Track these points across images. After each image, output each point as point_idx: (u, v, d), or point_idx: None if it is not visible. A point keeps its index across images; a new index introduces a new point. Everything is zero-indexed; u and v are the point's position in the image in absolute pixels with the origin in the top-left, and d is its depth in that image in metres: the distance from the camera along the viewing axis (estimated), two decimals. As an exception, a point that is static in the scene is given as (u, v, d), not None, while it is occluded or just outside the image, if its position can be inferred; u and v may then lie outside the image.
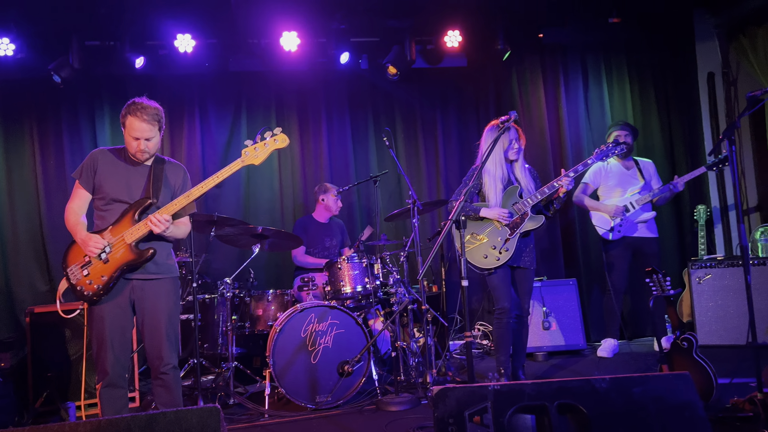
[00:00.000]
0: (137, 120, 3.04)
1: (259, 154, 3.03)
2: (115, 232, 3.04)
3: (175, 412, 1.65)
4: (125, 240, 3.01)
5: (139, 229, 3.01)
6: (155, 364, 3.09)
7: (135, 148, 3.09)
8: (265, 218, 5.86)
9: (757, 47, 5.62)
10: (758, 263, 5.02)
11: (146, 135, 3.07)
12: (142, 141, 3.08)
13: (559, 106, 6.21)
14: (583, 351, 5.32)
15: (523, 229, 3.96)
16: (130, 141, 3.09)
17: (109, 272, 3.00)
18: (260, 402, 4.12)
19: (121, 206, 3.09)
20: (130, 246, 3.01)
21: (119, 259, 3.01)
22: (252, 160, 3.03)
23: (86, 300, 3.02)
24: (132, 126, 3.05)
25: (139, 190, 3.13)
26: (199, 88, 5.87)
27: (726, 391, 3.42)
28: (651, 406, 2.05)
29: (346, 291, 4.38)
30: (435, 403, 2.08)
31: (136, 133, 3.06)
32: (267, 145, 3.04)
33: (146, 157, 3.15)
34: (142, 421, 1.60)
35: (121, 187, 3.11)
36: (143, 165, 3.19)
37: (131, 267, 3.03)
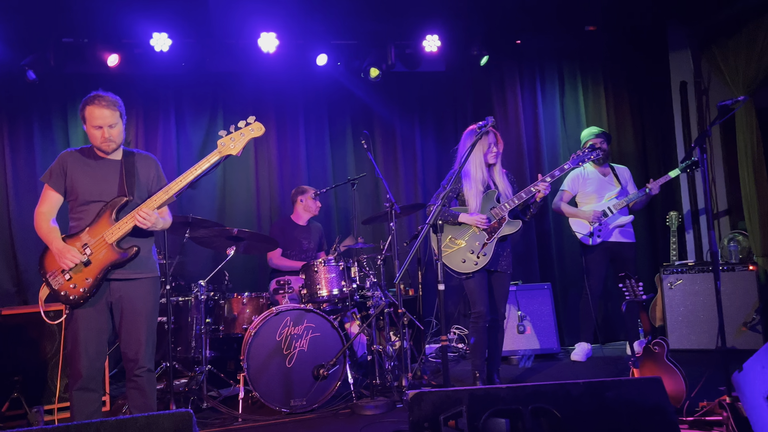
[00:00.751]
0: (96, 107, 2.99)
1: (236, 144, 2.98)
2: (93, 232, 2.98)
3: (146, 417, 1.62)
4: (106, 240, 2.96)
5: (120, 228, 2.96)
6: (130, 366, 3.04)
7: (99, 138, 3.03)
8: (241, 220, 5.81)
9: (727, 58, 5.75)
10: (727, 269, 5.13)
11: (108, 121, 3.01)
12: (105, 129, 3.02)
13: (535, 111, 6.28)
14: (557, 355, 5.37)
15: (500, 233, 3.98)
16: (93, 133, 3.03)
17: (94, 274, 2.95)
18: (234, 406, 4.08)
19: (96, 206, 3.03)
20: (111, 246, 2.96)
21: (103, 259, 2.96)
22: (229, 151, 2.99)
23: (71, 304, 2.95)
24: (92, 115, 3.00)
25: (113, 188, 3.07)
26: (175, 89, 5.80)
27: (696, 395, 3.47)
28: (623, 410, 2.07)
29: (323, 294, 4.36)
30: (410, 407, 2.08)
31: (97, 121, 3.00)
32: (243, 134, 3.00)
33: (113, 147, 3.08)
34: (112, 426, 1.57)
35: (94, 187, 3.05)
36: (113, 161, 3.12)
37: (116, 266, 2.98)
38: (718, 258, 3.40)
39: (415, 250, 3.51)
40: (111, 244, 2.97)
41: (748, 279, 5.09)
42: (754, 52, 5.49)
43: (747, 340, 4.95)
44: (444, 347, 2.73)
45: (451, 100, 6.39)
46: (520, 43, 6.15)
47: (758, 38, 5.45)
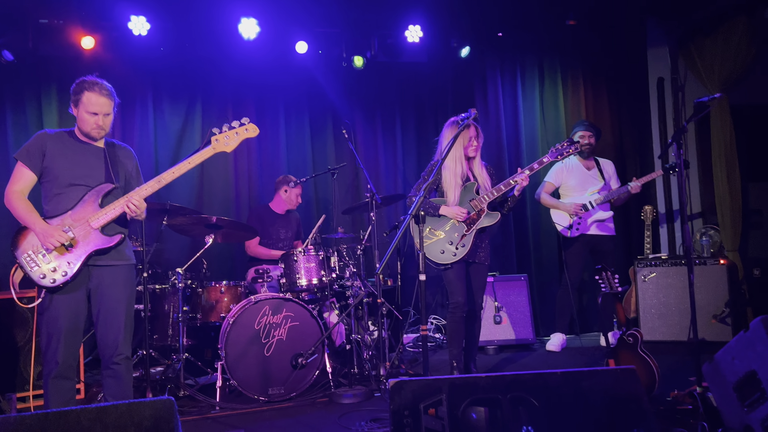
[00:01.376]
0: (95, 95, 2.98)
1: (230, 142, 3.07)
2: (76, 216, 2.94)
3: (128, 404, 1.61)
4: (91, 225, 2.92)
5: (106, 213, 2.93)
6: (108, 353, 3.01)
7: (92, 124, 3.01)
8: (219, 208, 5.75)
9: (704, 56, 5.84)
10: (699, 263, 5.24)
11: (105, 110, 3.02)
12: (101, 117, 3.01)
13: (515, 104, 6.33)
14: (533, 345, 5.45)
15: (479, 225, 4.00)
16: (86, 118, 3.00)
17: (77, 258, 2.91)
18: (211, 394, 4.06)
19: (78, 190, 2.99)
20: (96, 231, 2.93)
21: (87, 244, 2.92)
22: (223, 148, 3.07)
23: (50, 288, 2.90)
24: (90, 101, 2.97)
25: (97, 174, 3.05)
26: (152, 74, 5.70)
27: (667, 385, 3.56)
28: (599, 400, 2.12)
29: (302, 283, 4.35)
30: (391, 395, 2.10)
31: (95, 107, 2.98)
32: (238, 134, 3.09)
33: (102, 134, 3.07)
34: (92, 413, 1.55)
35: (78, 171, 3.01)
36: (97, 147, 3.11)
37: (100, 252, 2.96)
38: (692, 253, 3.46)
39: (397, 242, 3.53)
40: (96, 230, 2.94)
41: (719, 273, 5.20)
42: (729, 51, 5.59)
43: (717, 332, 5.07)
44: (424, 337, 2.75)
45: (432, 91, 6.39)
46: (502, 36, 6.18)
47: (734, 38, 5.55)
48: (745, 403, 2.59)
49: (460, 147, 4.04)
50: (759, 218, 6.02)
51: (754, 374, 2.53)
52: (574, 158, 5.28)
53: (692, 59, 5.97)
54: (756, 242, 5.95)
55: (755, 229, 6.00)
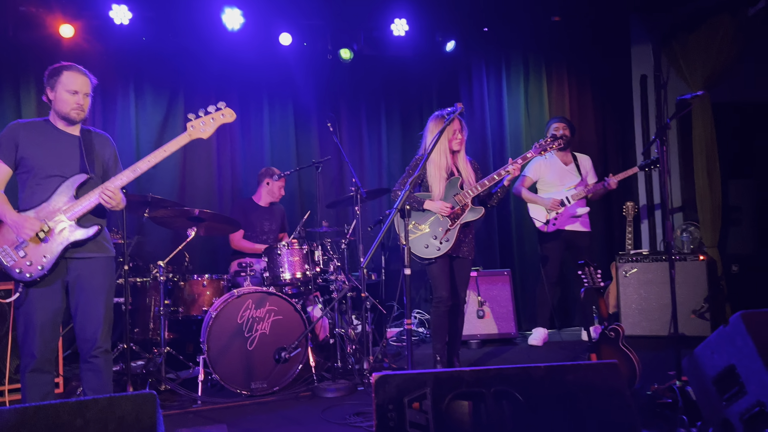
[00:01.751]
0: (75, 73, 2.96)
1: (207, 129, 3.01)
2: (51, 208, 2.89)
3: (108, 398, 1.58)
4: (66, 216, 2.87)
5: (82, 205, 2.88)
6: (87, 346, 2.97)
7: (72, 104, 2.96)
8: (202, 201, 5.70)
9: (687, 53, 5.89)
10: (680, 258, 5.30)
11: (85, 89, 2.98)
12: (81, 95, 2.97)
13: (500, 100, 6.34)
14: (515, 339, 5.48)
15: (463, 220, 4.01)
16: (66, 98, 2.95)
17: (53, 251, 2.86)
18: (193, 388, 4.03)
19: (54, 181, 2.94)
20: (72, 223, 2.88)
21: (62, 236, 2.87)
22: (199, 134, 3.01)
23: (27, 282, 2.85)
24: (70, 79, 2.94)
25: (72, 163, 2.99)
26: (135, 64, 5.61)
27: (648, 379, 3.60)
28: (582, 394, 2.13)
29: (285, 277, 4.33)
30: (375, 389, 2.09)
31: (75, 86, 2.94)
32: (214, 119, 3.02)
33: (81, 116, 3.03)
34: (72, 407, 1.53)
35: (53, 161, 2.96)
36: (72, 136, 3.05)
37: (77, 244, 2.91)
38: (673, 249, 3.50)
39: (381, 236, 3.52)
40: (72, 221, 2.89)
41: (699, 268, 5.26)
42: (712, 49, 5.64)
43: (696, 327, 5.14)
44: (408, 331, 2.75)
45: (418, 85, 6.38)
46: (487, 31, 6.18)
47: (716, 36, 5.60)
48: (724, 396, 2.62)
49: (445, 140, 4.03)
50: (738, 215, 6.10)
51: (733, 368, 2.56)
52: (551, 153, 5.30)
53: (675, 57, 6.02)
54: (734, 239, 6.03)
55: (734, 226, 6.08)
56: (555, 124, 5.30)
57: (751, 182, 6.30)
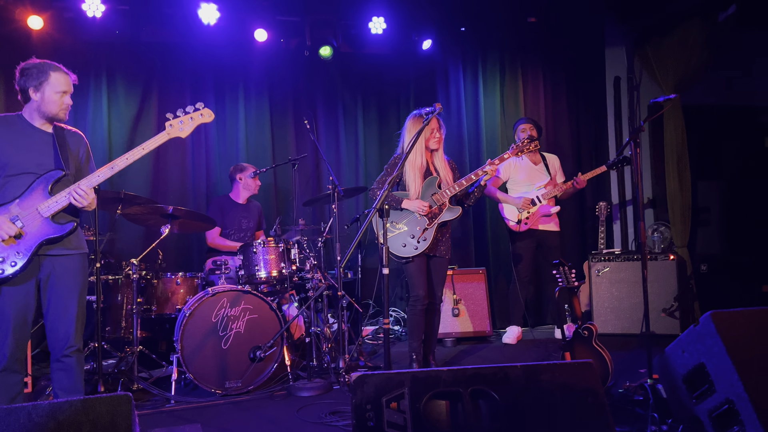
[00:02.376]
0: (61, 74, 2.95)
1: (185, 128, 3.00)
2: (24, 205, 2.83)
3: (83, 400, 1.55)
4: (41, 214, 2.81)
5: (57, 202, 2.83)
6: (59, 346, 2.92)
7: (61, 105, 2.95)
8: (175, 198, 5.62)
9: (659, 56, 5.99)
10: (651, 258, 5.40)
11: (71, 89, 2.99)
12: (68, 96, 2.97)
13: (477, 100, 6.37)
14: (489, 337, 5.52)
15: (441, 219, 4.02)
16: (55, 99, 2.93)
17: (26, 248, 2.80)
18: (166, 387, 3.98)
19: (25, 177, 2.88)
20: (46, 220, 2.83)
21: (37, 233, 2.82)
22: (177, 133, 3.01)
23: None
24: (59, 81, 2.93)
25: (46, 160, 2.94)
26: (107, 58, 5.51)
27: (619, 377, 3.66)
28: (558, 393, 2.16)
29: (261, 276, 4.30)
30: (353, 389, 2.09)
31: (64, 86, 2.94)
32: (192, 119, 3.02)
33: (67, 117, 3.03)
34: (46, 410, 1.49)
35: (27, 157, 2.90)
36: (45, 132, 3.00)
37: (51, 242, 2.86)
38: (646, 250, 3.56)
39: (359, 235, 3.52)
40: (46, 218, 2.84)
41: (669, 268, 5.37)
42: (684, 53, 5.75)
43: (666, 325, 5.24)
44: (386, 330, 2.76)
45: (395, 83, 6.37)
46: (465, 30, 6.20)
47: (688, 40, 5.71)
48: (694, 394, 2.68)
49: (423, 139, 4.04)
50: (707, 215, 6.25)
51: (703, 367, 2.62)
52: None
53: (648, 59, 6.13)
54: (703, 239, 6.18)
55: (703, 226, 6.23)
56: (522, 125, 5.36)
57: (720, 184, 6.45)
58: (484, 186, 4.08)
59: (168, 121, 3.00)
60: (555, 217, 5.35)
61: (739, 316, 2.61)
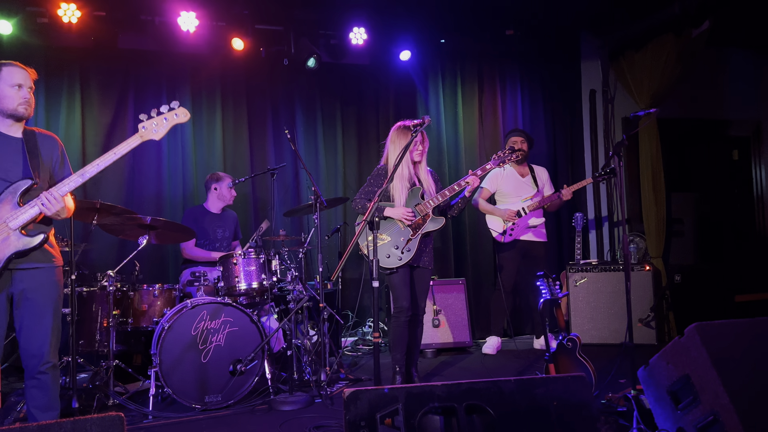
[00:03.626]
0: (15, 67, 2.84)
1: (159, 129, 2.86)
2: None
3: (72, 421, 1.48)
4: (9, 226, 2.70)
5: (26, 213, 2.72)
6: (33, 362, 2.81)
7: (18, 99, 2.83)
8: (150, 208, 5.51)
9: (634, 70, 6.12)
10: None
11: (29, 83, 2.86)
12: (26, 89, 2.84)
13: (456, 111, 6.41)
14: (469, 348, 5.53)
15: (424, 230, 4.02)
16: (10, 93, 2.81)
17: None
18: (143, 403, 3.88)
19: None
20: (15, 232, 2.71)
21: (5, 247, 2.70)
22: (151, 135, 2.85)
23: None
24: (12, 74, 2.82)
25: (15, 168, 2.83)
26: (82, 63, 5.40)
27: (598, 387, 3.69)
28: (551, 407, 2.15)
29: (241, 287, 4.23)
30: (346, 405, 2.06)
31: (18, 79, 2.83)
32: (166, 119, 2.87)
33: (29, 112, 2.89)
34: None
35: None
36: (13, 138, 2.88)
37: (20, 254, 2.74)
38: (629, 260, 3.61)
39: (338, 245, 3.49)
40: (15, 230, 2.72)
41: (645, 279, 5.46)
42: (657, 67, 5.88)
43: (642, 335, 5.32)
44: (376, 345, 2.73)
45: (375, 94, 6.37)
46: (444, 42, 6.24)
47: (662, 54, 5.84)
48: (679, 406, 2.70)
49: (407, 151, 4.03)
50: (680, 227, 6.37)
51: (688, 378, 2.64)
52: (508, 165, 5.40)
53: (623, 73, 6.25)
54: (677, 250, 6.29)
55: (677, 237, 6.34)
56: (513, 138, 5.40)
57: (692, 195, 6.59)
58: (468, 197, 4.09)
59: (141, 123, 2.85)
60: (542, 227, 5.39)
61: (723, 327, 2.64)
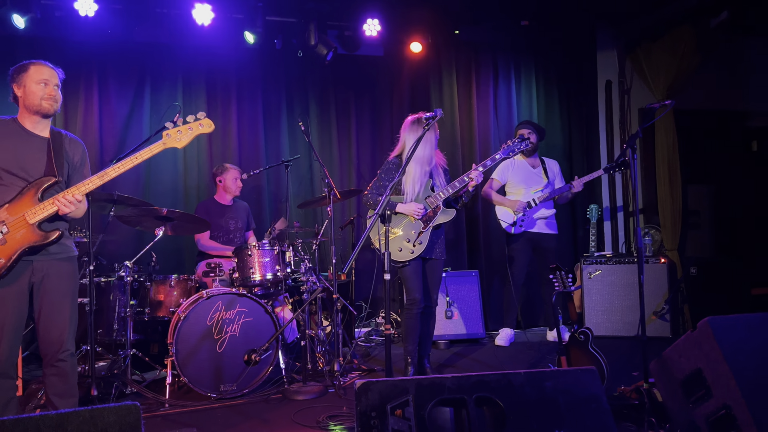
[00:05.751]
0: (43, 66, 2.90)
1: (183, 138, 2.92)
2: (12, 210, 2.78)
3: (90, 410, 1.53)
4: (27, 220, 2.76)
5: (44, 209, 2.78)
6: (52, 350, 2.87)
7: (43, 94, 2.88)
8: (166, 199, 5.57)
9: (650, 61, 6.05)
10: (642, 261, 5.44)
11: (54, 80, 2.92)
12: (51, 86, 2.90)
13: (470, 102, 6.39)
14: (482, 340, 5.54)
15: (435, 222, 4.04)
16: (36, 90, 2.88)
17: (8, 254, 2.74)
18: (159, 391, 3.95)
19: (16, 182, 2.83)
20: (32, 226, 2.78)
21: (20, 240, 2.76)
22: (174, 144, 2.92)
23: None
24: (38, 71, 2.88)
25: (38, 166, 2.89)
26: (99, 57, 5.46)
27: (611, 380, 3.69)
28: (561, 399, 2.17)
29: (256, 278, 4.27)
30: (357, 396, 2.09)
31: (45, 75, 2.89)
32: (191, 128, 2.93)
33: (55, 108, 2.95)
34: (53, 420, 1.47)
35: (17, 161, 2.85)
36: (41, 137, 2.95)
37: (34, 249, 2.80)
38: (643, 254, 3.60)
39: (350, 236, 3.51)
40: (32, 225, 2.79)
41: (660, 271, 5.43)
42: (675, 57, 5.81)
43: (656, 328, 5.30)
44: (388, 336, 2.75)
45: (389, 85, 6.37)
46: (459, 33, 6.21)
47: (679, 45, 5.77)
48: (691, 399, 2.70)
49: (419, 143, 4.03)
50: (697, 219, 6.32)
51: (700, 372, 2.64)
52: (519, 157, 5.39)
53: (639, 64, 6.18)
54: (693, 242, 6.24)
55: (693, 230, 6.29)
56: (521, 130, 5.38)
57: (709, 187, 6.52)
58: (474, 191, 4.08)
59: (166, 131, 2.91)
60: (552, 219, 5.38)
61: (736, 321, 2.63)
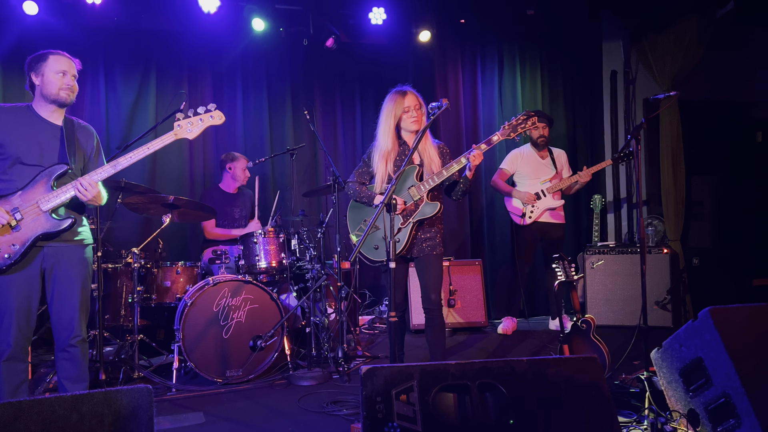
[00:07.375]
0: (62, 56, 2.96)
1: (194, 129, 2.99)
2: (26, 197, 2.82)
3: (104, 392, 1.57)
4: (40, 207, 2.81)
5: (58, 196, 2.82)
6: (64, 335, 2.93)
7: (61, 84, 2.93)
8: (172, 187, 5.61)
9: (656, 51, 6.04)
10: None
11: (72, 71, 2.98)
12: (69, 76, 2.95)
13: (475, 91, 6.40)
14: (485, 328, 5.59)
15: (416, 217, 3.36)
16: (54, 79, 2.92)
17: (21, 240, 2.79)
18: (166, 376, 4.02)
19: (30, 169, 2.87)
20: (45, 214, 2.82)
21: (33, 227, 2.81)
22: (185, 135, 2.99)
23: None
24: (57, 62, 2.93)
25: (52, 153, 2.93)
26: (105, 44, 5.48)
27: (614, 369, 3.73)
28: (563, 387, 2.21)
29: (261, 266, 4.32)
30: (363, 382, 2.13)
31: (64, 66, 2.94)
32: (202, 120, 3.00)
33: (72, 98, 3.00)
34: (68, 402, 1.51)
35: (31, 149, 2.89)
36: (54, 125, 2.99)
37: (47, 236, 2.85)
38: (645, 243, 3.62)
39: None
40: (45, 212, 2.83)
41: (662, 261, 5.45)
42: (680, 48, 5.80)
43: (658, 317, 5.33)
44: (391, 324, 2.79)
45: (394, 74, 6.32)
46: (464, 22, 6.21)
47: (686, 35, 5.75)
48: (691, 388, 2.74)
49: (391, 119, 3.42)
50: (700, 209, 6.33)
51: (700, 361, 2.68)
52: (528, 147, 5.41)
53: (645, 54, 6.16)
54: (696, 232, 6.26)
55: (696, 220, 6.31)
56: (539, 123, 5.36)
57: (713, 178, 6.53)
58: (471, 178, 3.39)
59: (177, 121, 2.98)
60: (560, 209, 5.40)
61: (737, 311, 2.67)
